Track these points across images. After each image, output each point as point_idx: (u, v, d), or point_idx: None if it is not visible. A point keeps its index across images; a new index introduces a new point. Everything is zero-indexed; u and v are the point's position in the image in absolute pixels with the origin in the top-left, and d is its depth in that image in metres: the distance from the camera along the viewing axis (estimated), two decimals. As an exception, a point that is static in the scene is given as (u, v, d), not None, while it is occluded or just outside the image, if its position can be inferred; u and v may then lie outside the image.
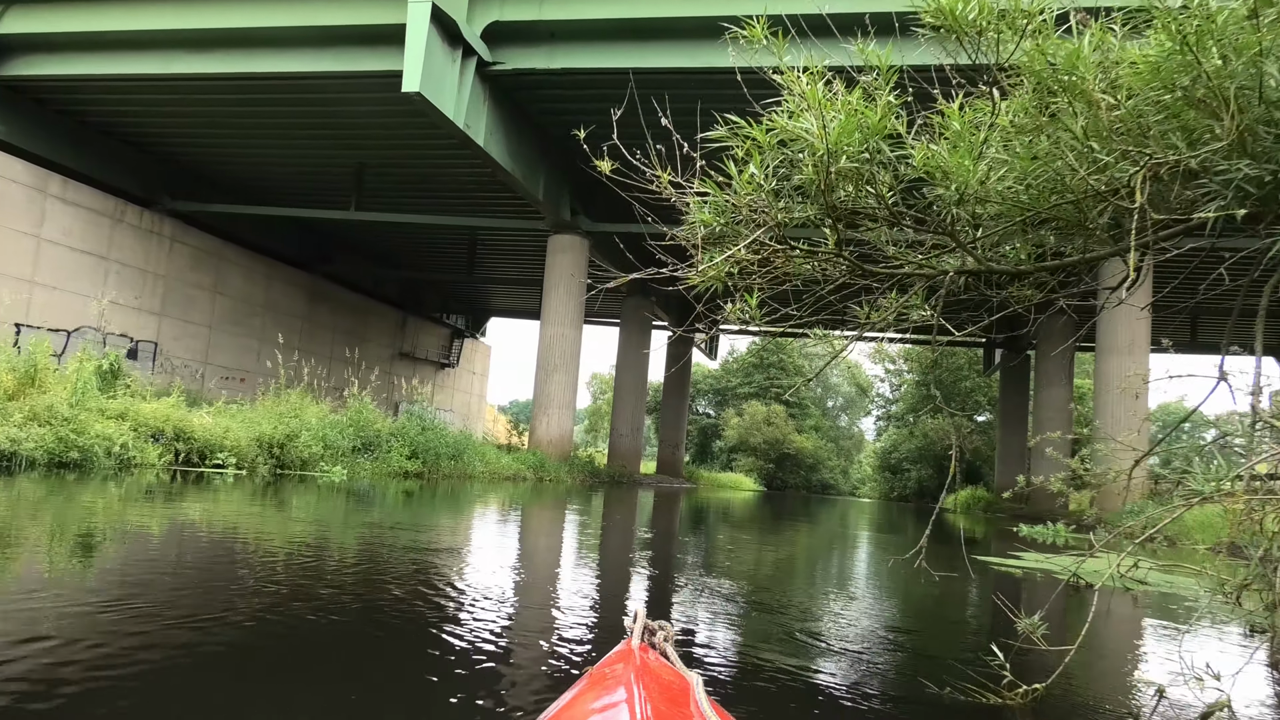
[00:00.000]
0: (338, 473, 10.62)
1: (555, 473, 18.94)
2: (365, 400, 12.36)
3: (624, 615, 3.51)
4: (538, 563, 5.47)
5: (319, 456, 10.59)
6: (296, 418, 10.70)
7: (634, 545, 7.20)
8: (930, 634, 4.19)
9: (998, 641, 2.79)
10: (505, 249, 30.29)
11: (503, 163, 17.68)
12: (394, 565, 4.42)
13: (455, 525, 7.36)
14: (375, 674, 2.27)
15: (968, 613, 4.87)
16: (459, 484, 13.42)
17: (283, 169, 23.95)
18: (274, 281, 28.96)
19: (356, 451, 11.58)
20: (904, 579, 6.08)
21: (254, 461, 9.61)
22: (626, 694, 1.09)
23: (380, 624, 2.96)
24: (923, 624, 4.46)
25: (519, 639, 2.94)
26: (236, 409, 10.90)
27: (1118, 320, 18.61)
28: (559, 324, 21.29)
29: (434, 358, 40.12)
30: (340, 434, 11.26)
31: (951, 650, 3.74)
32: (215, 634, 2.63)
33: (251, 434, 9.74)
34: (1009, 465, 32.88)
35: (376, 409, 13.42)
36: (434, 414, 14.34)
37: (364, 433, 11.78)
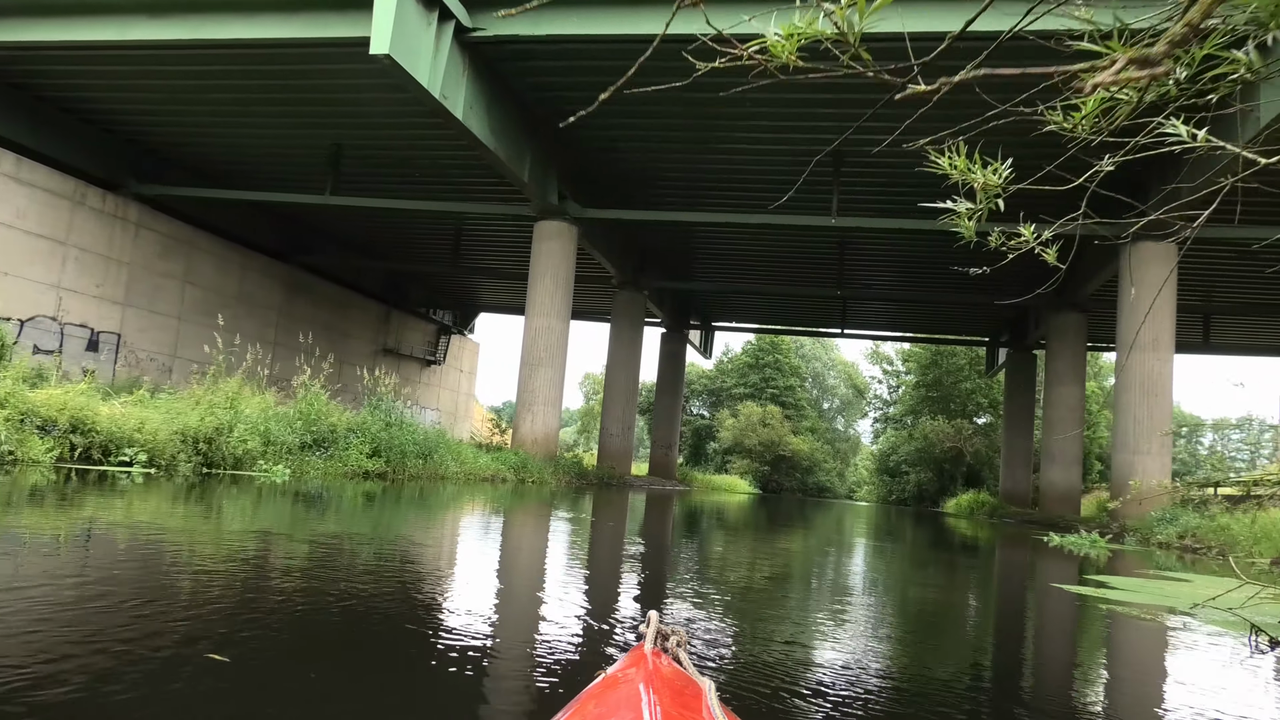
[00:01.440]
0: (279, 472, 9.32)
1: (539, 474, 17.68)
2: (317, 390, 11.07)
3: (613, 641, 2.94)
4: (508, 584, 4.24)
5: (258, 454, 9.31)
6: (231, 408, 9.41)
7: (621, 560, 5.96)
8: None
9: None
10: (492, 239, 29.01)
11: (484, 139, 16.42)
12: (327, 583, 3.17)
13: (408, 534, 6.11)
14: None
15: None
16: (430, 486, 12.16)
17: (254, 151, 22.64)
18: (249, 272, 27.64)
19: (306, 449, 10.31)
20: (977, 612, 4.85)
21: (173, 458, 8.32)
22: (638, 698, 1.07)
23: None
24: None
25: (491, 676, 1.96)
26: (162, 399, 9.60)
27: (1140, 314, 17.42)
28: (545, 315, 20.03)
29: (420, 354, 38.81)
30: (286, 428, 9.97)
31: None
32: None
33: (175, 426, 8.46)
34: (1014, 468, 31.70)
35: (336, 402, 12.16)
36: (404, 409, 13.02)
37: (315, 427, 10.50)
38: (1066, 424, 24.48)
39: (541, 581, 4.56)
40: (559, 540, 7.09)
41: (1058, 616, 5.05)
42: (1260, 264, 23.80)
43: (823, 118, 17.43)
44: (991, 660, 3.55)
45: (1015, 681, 3.16)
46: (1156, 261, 17.51)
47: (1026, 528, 20.42)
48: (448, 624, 3.02)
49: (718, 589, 4.76)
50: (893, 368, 64.60)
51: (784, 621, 3.77)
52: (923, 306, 33.76)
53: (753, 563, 6.56)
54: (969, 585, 5.69)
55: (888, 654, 3.23)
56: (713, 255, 29.02)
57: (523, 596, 3.99)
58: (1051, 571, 8.16)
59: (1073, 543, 11.31)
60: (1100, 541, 11.86)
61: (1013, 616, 5.01)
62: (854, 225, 19.65)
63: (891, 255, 26.83)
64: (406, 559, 4.75)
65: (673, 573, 5.42)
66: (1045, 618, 5.04)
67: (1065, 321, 24.58)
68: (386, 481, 11.30)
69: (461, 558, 5.27)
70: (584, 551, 6.34)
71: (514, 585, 4.36)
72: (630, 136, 19.56)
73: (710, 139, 19.06)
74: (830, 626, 3.71)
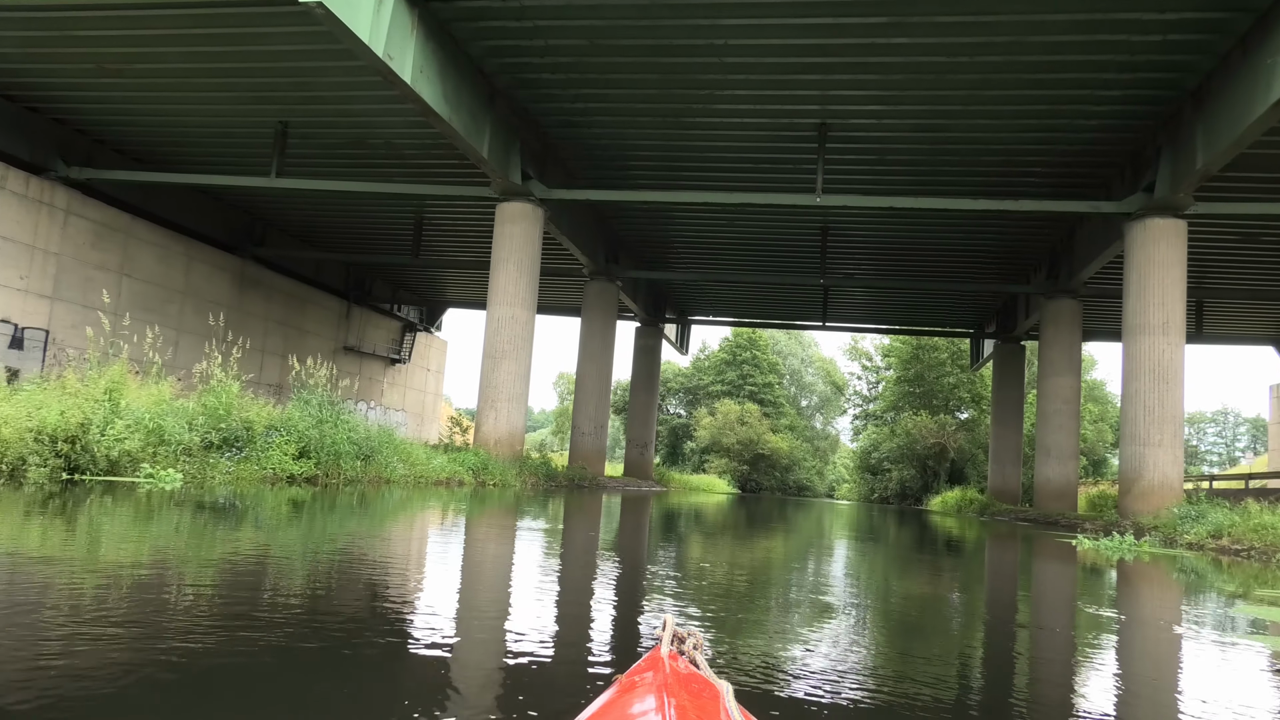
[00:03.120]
0: (169, 477, 7.74)
1: (501, 476, 16.15)
2: (228, 380, 9.47)
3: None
4: (460, 618, 2.81)
5: (143, 455, 7.74)
6: (109, 400, 7.81)
7: (593, 578, 4.50)
8: None
9: None
10: (456, 228, 27.40)
11: (436, 107, 14.87)
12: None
13: (314, 553, 4.61)
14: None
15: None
16: (371, 491, 10.62)
17: (193, 130, 20.92)
18: (195, 264, 25.88)
19: (212, 449, 8.74)
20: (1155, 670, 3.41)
21: (20, 461, 6.72)
22: (655, 701, 1.09)
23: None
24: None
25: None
26: (24, 391, 7.98)
27: (1150, 295, 16.20)
28: (508, 304, 18.50)
29: (384, 353, 37.10)
30: (186, 425, 8.37)
31: None
32: None
33: (32, 422, 6.88)
34: (1003, 463, 30.53)
35: (253, 395, 10.59)
36: (341, 404, 11.46)
37: (224, 423, 8.91)
38: (1062, 416, 23.28)
39: (500, 619, 3.12)
40: (518, 559, 5.61)
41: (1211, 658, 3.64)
42: (1259, 247, 22.74)
43: (805, 85, 16.05)
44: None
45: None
46: (1165, 239, 16.29)
47: (1027, 526, 19.15)
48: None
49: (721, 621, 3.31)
50: (872, 363, 63.55)
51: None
52: (907, 297, 32.53)
53: (775, 590, 5.12)
54: (1096, 631, 4.29)
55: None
56: (689, 243, 27.59)
57: (479, 638, 2.56)
58: (1158, 594, 6.78)
59: (1111, 547, 9.94)
60: (1140, 544, 10.53)
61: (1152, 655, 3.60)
62: (840, 204, 18.27)
63: (877, 241, 25.53)
64: (293, 588, 3.29)
65: (654, 590, 3.97)
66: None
67: (1060, 309, 23.38)
68: (316, 487, 9.76)
69: (391, 582, 3.79)
70: (549, 575, 4.87)
71: (469, 622, 2.93)
72: (599, 110, 18.09)
73: (685, 111, 17.62)
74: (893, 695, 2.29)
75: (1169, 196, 15.92)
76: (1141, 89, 15.25)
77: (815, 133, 17.82)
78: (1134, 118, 16.31)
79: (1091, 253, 20.88)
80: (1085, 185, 19.43)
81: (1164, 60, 14.30)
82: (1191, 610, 5.36)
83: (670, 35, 14.72)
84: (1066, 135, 17.28)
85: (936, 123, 17.17)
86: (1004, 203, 17.71)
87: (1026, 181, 19.52)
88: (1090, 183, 19.31)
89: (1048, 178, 19.28)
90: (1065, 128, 16.94)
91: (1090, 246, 20.99)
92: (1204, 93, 14.71)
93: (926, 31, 13.97)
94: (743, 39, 14.64)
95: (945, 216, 22.35)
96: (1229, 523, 11.40)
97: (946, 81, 15.53)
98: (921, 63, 14.93)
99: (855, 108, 16.84)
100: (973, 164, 18.99)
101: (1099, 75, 14.89)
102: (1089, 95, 15.65)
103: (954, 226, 23.47)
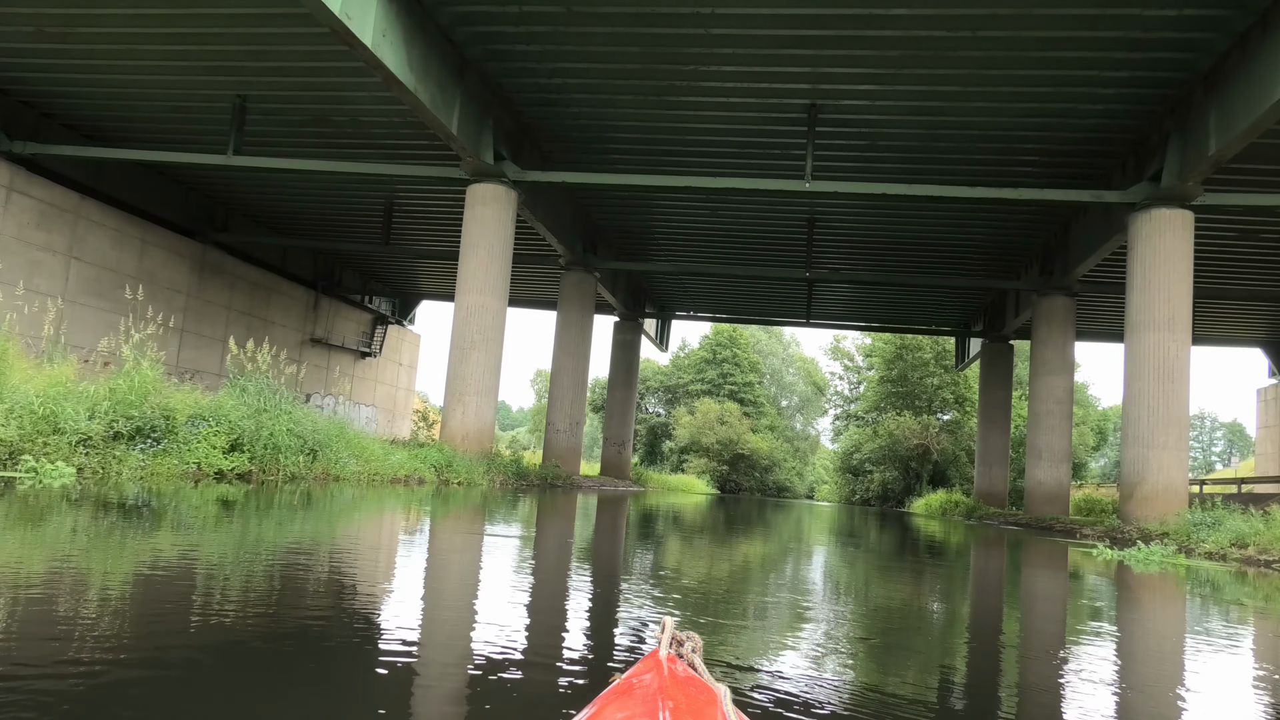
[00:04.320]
0: (56, 472, 6.64)
1: (467, 474, 15.07)
2: (141, 362, 8.32)
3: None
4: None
5: (31, 446, 6.62)
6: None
7: (564, 592, 3.48)
8: None
9: None
10: (428, 215, 26.25)
11: (400, 76, 13.78)
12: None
13: (219, 566, 3.56)
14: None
15: None
16: (318, 489, 9.54)
17: (145, 104, 19.68)
18: (151, 248, 24.60)
19: (121, 440, 7.63)
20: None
21: None
22: (652, 704, 1.09)
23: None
24: None
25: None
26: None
27: (1155, 290, 15.38)
28: (478, 292, 17.43)
29: (353, 346, 35.84)
30: (86, 412, 7.23)
31: None
32: None
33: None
34: (990, 465, 29.74)
35: (172, 379, 9.47)
36: (285, 392, 10.35)
37: (135, 411, 7.78)
38: (1054, 417, 22.48)
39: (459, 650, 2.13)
40: (481, 571, 4.58)
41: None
42: (1257, 246, 22.05)
43: (796, 60, 15.09)
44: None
45: None
46: (1172, 231, 15.46)
47: (1019, 531, 18.29)
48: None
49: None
50: (854, 364, 62.87)
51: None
52: (893, 294, 31.71)
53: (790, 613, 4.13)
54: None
55: None
56: (671, 233, 26.58)
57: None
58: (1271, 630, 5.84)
59: (1138, 559, 8.99)
60: (1176, 556, 9.60)
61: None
62: (830, 190, 17.33)
63: (865, 234, 24.66)
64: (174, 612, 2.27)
65: (629, 600, 2.97)
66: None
67: (1053, 306, 22.58)
68: (250, 485, 8.67)
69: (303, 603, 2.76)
70: (516, 591, 3.86)
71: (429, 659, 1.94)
72: (577, 86, 17.05)
73: (668, 89, 16.62)
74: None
75: (1177, 186, 15.09)
76: (1151, 70, 14.41)
77: (805, 114, 16.88)
78: (1141, 102, 15.48)
79: (1088, 248, 20.08)
80: (1084, 176, 18.60)
81: (1176, 39, 13.46)
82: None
83: (652, 2, 13.72)
84: (1069, 121, 16.43)
85: (932, 105, 16.27)
86: (1002, 191, 16.82)
87: (1023, 172, 18.67)
88: (1090, 173, 18.48)
89: (1046, 167, 18.44)
90: (1069, 112, 16.08)
91: (1086, 241, 20.19)
92: (1218, 75, 13.88)
93: (927, 2, 13.05)
94: (730, 8, 13.66)
95: (935, 209, 21.51)
96: (1251, 530, 10.53)
97: (945, 59, 14.61)
98: (920, 37, 14.00)
99: (848, 87, 15.90)
100: (968, 151, 18.12)
101: (1108, 54, 14.03)
102: (1095, 77, 14.79)
103: (944, 220, 22.62)
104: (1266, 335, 32.74)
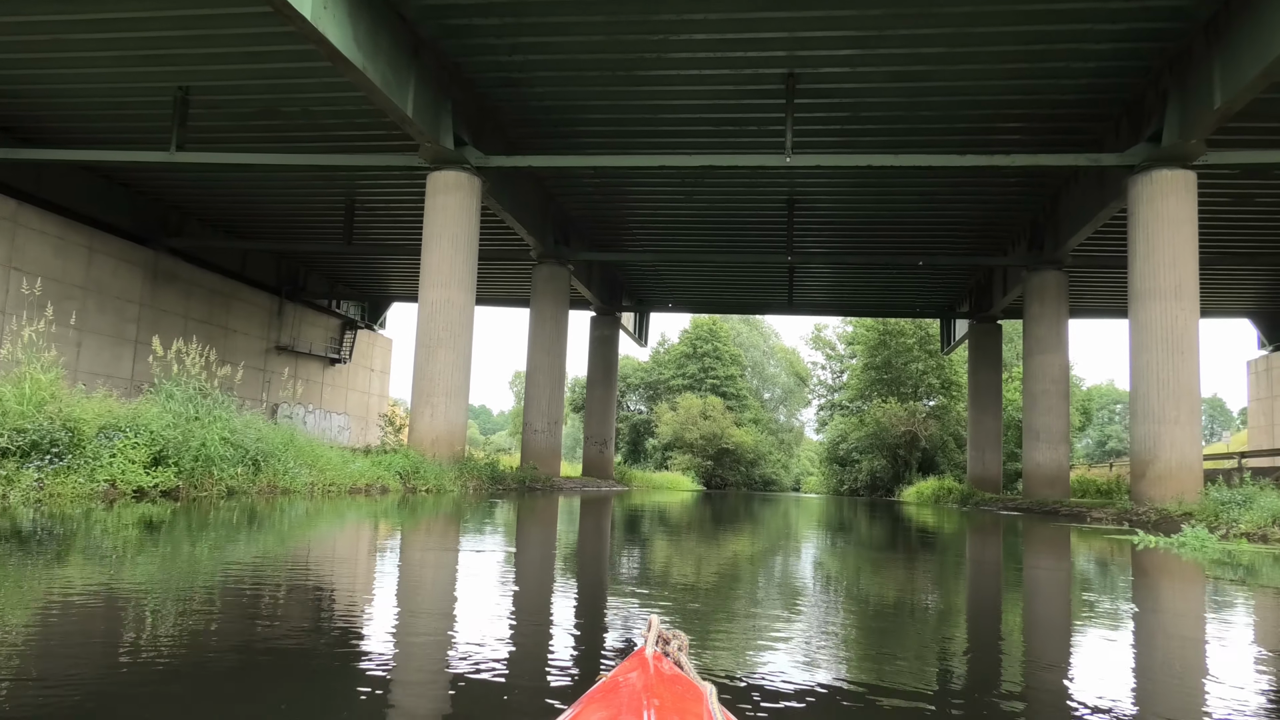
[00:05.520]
0: (-94, 496, 5.55)
1: (436, 480, 14.00)
2: (32, 366, 7.20)
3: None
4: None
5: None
6: None
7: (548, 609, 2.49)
8: None
9: None
10: (391, 211, 25.07)
11: (346, 52, 12.69)
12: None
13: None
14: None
15: None
16: (263, 504, 8.48)
17: (82, 102, 18.46)
18: (99, 256, 23.34)
19: (11, 456, 6.51)
20: None
21: None
22: (638, 702, 1.06)
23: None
24: None
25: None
26: None
27: (1160, 256, 14.55)
28: (443, 286, 16.36)
29: (321, 352, 34.61)
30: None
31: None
32: None
33: None
34: (983, 449, 28.98)
35: (78, 387, 8.37)
36: (219, 398, 9.26)
37: (27, 423, 6.67)
38: (1050, 397, 21.68)
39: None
40: (428, 598, 3.58)
41: None
42: (1250, 211, 21.32)
43: (771, 25, 14.12)
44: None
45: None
46: (1175, 194, 14.63)
47: (1019, 517, 17.44)
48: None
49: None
50: (836, 352, 62.16)
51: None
52: (876, 278, 30.89)
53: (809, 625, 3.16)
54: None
55: None
56: (645, 221, 25.56)
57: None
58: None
59: (1194, 547, 8.05)
60: (1239, 542, 8.67)
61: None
62: (812, 164, 16.40)
63: (846, 214, 23.76)
64: None
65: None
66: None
67: (1045, 281, 21.78)
68: (178, 502, 7.60)
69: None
70: (478, 622, 2.87)
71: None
72: (540, 64, 16.01)
73: (637, 62, 15.61)
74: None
75: (1179, 145, 14.25)
76: (1147, 21, 13.55)
77: (783, 85, 15.92)
78: (1136, 57, 14.62)
79: (1080, 219, 19.27)
80: (1075, 142, 17.76)
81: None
82: None
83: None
84: (1059, 82, 15.57)
85: (916, 69, 15.34)
86: (994, 157, 15.97)
87: (1011, 140, 17.79)
88: (1081, 138, 17.63)
89: (1034, 134, 17.57)
90: (1059, 72, 15.21)
91: (1078, 212, 19.38)
92: (1220, 23, 13.03)
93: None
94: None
95: (918, 185, 20.66)
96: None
97: (930, 17, 13.69)
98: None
99: (827, 52, 14.95)
100: (953, 120, 17.23)
101: (1101, 4, 13.15)
102: (1088, 31, 13.91)
103: (928, 196, 21.75)
104: (1254, 305, 32.08)
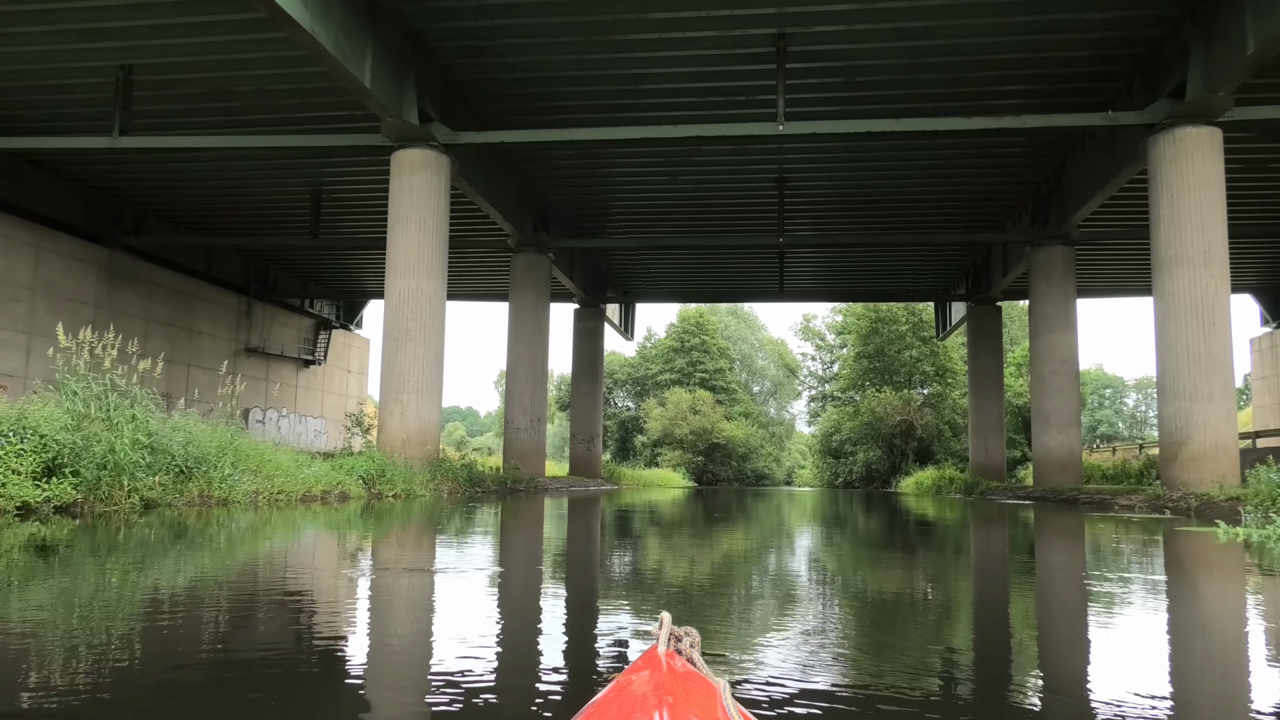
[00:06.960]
0: None
1: (405, 484, 12.74)
2: None
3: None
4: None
5: None
6: None
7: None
8: None
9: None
10: (360, 202, 23.72)
11: (291, 11, 11.40)
12: None
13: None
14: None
15: None
16: (193, 518, 7.23)
17: (18, 84, 17.11)
18: (47, 255, 21.94)
19: None
20: None
21: None
22: (651, 700, 1.05)
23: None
24: None
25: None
26: None
27: (1186, 220, 13.44)
28: (410, 273, 15.10)
29: (294, 354, 33.23)
30: None
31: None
32: None
33: None
34: (985, 436, 27.91)
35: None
36: (136, 395, 7.99)
37: None
38: (1060, 379, 20.58)
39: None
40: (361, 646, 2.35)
41: None
42: (1262, 179, 20.27)
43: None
44: None
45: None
46: (1200, 152, 13.54)
47: (1042, 507, 16.32)
48: None
49: None
50: (825, 343, 61.11)
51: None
52: (869, 261, 29.76)
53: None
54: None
55: None
56: (629, 204, 24.31)
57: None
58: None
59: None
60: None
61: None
62: (806, 131, 15.23)
63: (840, 190, 22.59)
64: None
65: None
66: None
67: (1050, 257, 20.67)
68: (77, 520, 6.36)
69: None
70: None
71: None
72: (510, 29, 14.75)
73: (615, 25, 14.38)
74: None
75: (1205, 98, 13.13)
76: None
77: (773, 48, 14.74)
78: (1153, 5, 13.50)
79: (1089, 188, 18.17)
80: (1084, 104, 16.62)
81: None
82: None
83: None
84: (1069, 36, 14.44)
85: (916, 26, 14.17)
86: (1003, 119, 14.83)
87: (1016, 104, 16.67)
88: (1091, 99, 16.49)
89: (1041, 96, 16.46)
90: (1070, 25, 14.07)
91: (1088, 180, 18.27)
92: (1249, -38, 11.92)
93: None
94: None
95: (915, 157, 19.57)
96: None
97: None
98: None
99: (821, 9, 13.76)
100: (955, 82, 16.09)
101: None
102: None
103: (925, 168, 20.62)
104: (1258, 281, 31.12)
